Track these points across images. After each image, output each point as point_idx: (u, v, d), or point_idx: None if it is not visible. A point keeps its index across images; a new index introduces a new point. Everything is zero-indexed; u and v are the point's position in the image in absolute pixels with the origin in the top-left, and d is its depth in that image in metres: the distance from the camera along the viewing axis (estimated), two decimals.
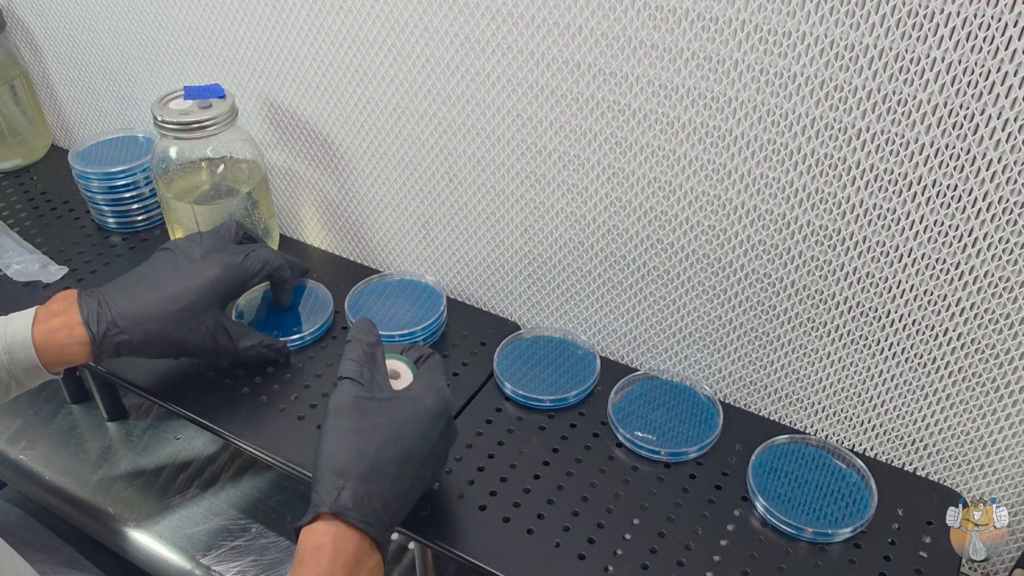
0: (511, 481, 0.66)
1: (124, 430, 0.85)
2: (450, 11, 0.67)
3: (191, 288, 0.68)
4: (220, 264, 0.69)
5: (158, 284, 0.68)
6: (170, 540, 0.75)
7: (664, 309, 0.73)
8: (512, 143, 0.71)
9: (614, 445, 0.69)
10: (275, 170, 0.91)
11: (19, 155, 1.05)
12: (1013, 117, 0.51)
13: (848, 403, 0.69)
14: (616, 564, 0.60)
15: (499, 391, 0.74)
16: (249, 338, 0.72)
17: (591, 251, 0.74)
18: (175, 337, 0.67)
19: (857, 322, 0.65)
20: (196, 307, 0.67)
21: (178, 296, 0.67)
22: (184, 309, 0.67)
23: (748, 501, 0.65)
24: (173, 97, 0.78)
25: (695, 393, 0.73)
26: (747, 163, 0.62)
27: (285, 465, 0.67)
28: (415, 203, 0.82)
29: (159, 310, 0.66)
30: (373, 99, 0.77)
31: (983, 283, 0.58)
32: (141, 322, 0.66)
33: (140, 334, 0.66)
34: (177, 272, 0.69)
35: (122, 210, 0.92)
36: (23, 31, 1.03)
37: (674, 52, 0.59)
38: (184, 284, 0.68)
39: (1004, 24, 0.49)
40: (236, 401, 0.72)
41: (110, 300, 0.66)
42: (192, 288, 0.68)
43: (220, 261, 0.70)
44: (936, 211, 0.57)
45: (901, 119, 0.54)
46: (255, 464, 0.82)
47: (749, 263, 0.66)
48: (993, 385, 0.62)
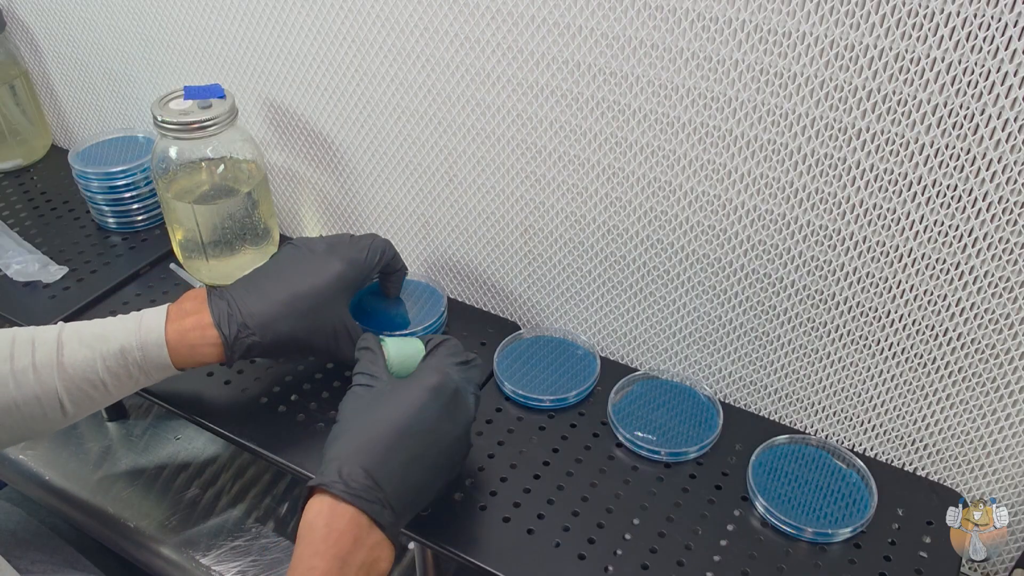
0: (511, 481, 0.66)
1: (124, 430, 0.85)
2: (450, 11, 0.67)
3: (317, 287, 0.66)
4: (344, 259, 0.68)
5: (285, 282, 0.67)
6: (170, 540, 0.75)
7: (664, 309, 0.73)
8: (512, 143, 0.71)
9: (614, 445, 0.69)
10: (275, 170, 0.91)
11: (19, 155, 1.05)
12: (1013, 117, 0.51)
13: (848, 403, 0.69)
14: (616, 564, 0.60)
15: (499, 391, 0.74)
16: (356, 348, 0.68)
17: (591, 251, 0.74)
18: (302, 337, 0.67)
19: (857, 322, 0.65)
20: (323, 305, 0.66)
21: (306, 295, 0.66)
22: (312, 309, 0.66)
23: (748, 501, 0.65)
24: (173, 97, 0.78)
25: (695, 393, 0.73)
26: (747, 163, 0.62)
27: (285, 465, 0.67)
28: (415, 203, 0.82)
29: (288, 310, 0.65)
30: (373, 99, 0.77)
31: (983, 283, 0.58)
32: (270, 323, 0.65)
33: (270, 335, 0.65)
34: (302, 268, 0.67)
35: (122, 210, 0.92)
36: (23, 31, 1.03)
37: (674, 52, 0.59)
38: (310, 282, 0.67)
39: (1004, 24, 0.49)
40: (236, 401, 0.72)
41: (239, 300, 0.65)
42: (319, 286, 0.67)
43: (343, 256, 0.68)
44: (936, 211, 0.57)
45: (901, 119, 0.54)
46: (255, 464, 0.82)
47: (749, 263, 0.66)
48: (993, 385, 0.62)
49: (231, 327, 0.64)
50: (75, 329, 0.63)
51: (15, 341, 0.62)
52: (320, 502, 0.53)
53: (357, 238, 0.71)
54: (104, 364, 0.62)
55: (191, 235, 0.82)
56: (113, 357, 0.62)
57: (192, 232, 0.82)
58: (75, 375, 0.61)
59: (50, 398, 0.61)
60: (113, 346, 0.62)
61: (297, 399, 0.73)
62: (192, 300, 0.66)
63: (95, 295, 0.83)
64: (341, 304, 0.68)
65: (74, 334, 0.63)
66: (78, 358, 0.62)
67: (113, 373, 0.62)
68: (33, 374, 0.61)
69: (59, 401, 0.61)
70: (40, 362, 0.61)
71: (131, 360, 0.62)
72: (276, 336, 0.65)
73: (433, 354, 0.62)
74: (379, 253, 0.70)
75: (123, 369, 0.63)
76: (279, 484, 0.79)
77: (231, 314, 0.64)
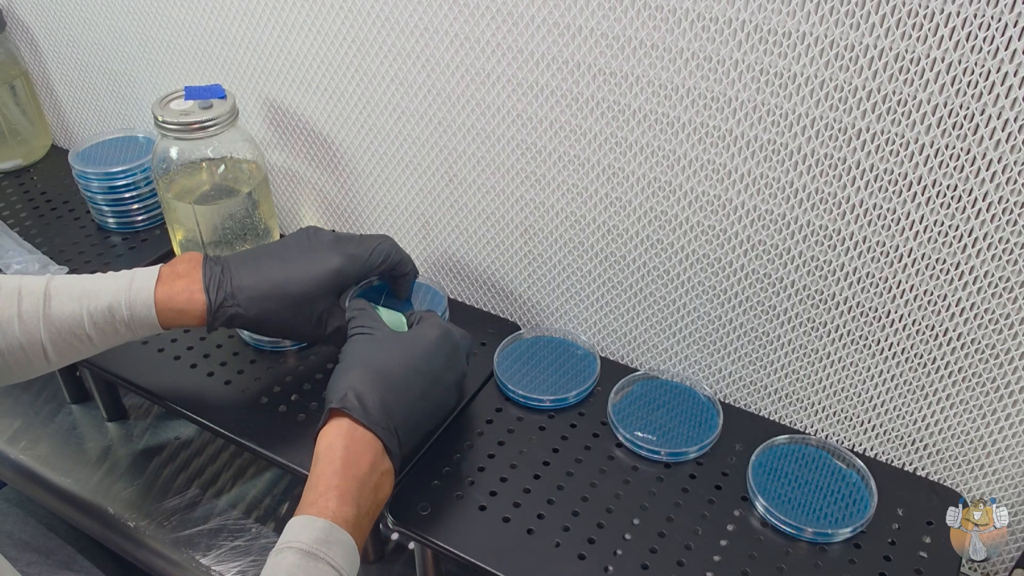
0: (511, 481, 0.66)
1: (124, 430, 0.85)
2: (450, 11, 0.67)
3: (313, 274, 0.66)
4: (345, 254, 0.68)
5: (283, 264, 0.67)
6: (170, 540, 0.75)
7: (664, 309, 0.73)
8: (512, 143, 0.71)
9: (614, 445, 0.69)
10: (275, 170, 0.91)
11: (19, 155, 1.05)
12: (1013, 117, 0.51)
13: (848, 403, 0.69)
14: (616, 564, 0.60)
15: (499, 391, 0.74)
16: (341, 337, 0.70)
17: (591, 251, 0.74)
18: (287, 319, 0.67)
19: (857, 322, 0.65)
20: (314, 293, 0.66)
21: (299, 280, 0.66)
22: (303, 294, 0.66)
23: (748, 501, 0.65)
24: (174, 97, 0.78)
25: (695, 393, 0.73)
26: (747, 163, 0.62)
27: (285, 465, 0.67)
28: (415, 203, 0.82)
29: (278, 291, 0.66)
30: (373, 99, 0.77)
31: (983, 283, 0.58)
32: (258, 299, 0.65)
33: (254, 310, 0.65)
34: (304, 255, 0.68)
35: (122, 210, 0.92)
36: (23, 31, 1.03)
37: (674, 52, 0.59)
38: (307, 268, 0.67)
39: (1004, 24, 0.49)
40: (236, 401, 0.72)
41: (234, 270, 0.66)
42: (314, 274, 0.67)
43: (345, 250, 0.68)
44: (936, 211, 0.57)
45: (901, 119, 0.54)
46: (255, 464, 0.81)
47: (749, 263, 0.66)
48: (993, 385, 0.62)
49: (218, 295, 0.65)
50: (65, 283, 0.64)
51: (0, 289, 0.63)
52: (340, 425, 0.57)
53: (366, 237, 0.71)
54: (91, 320, 0.63)
55: (191, 235, 0.82)
56: (100, 313, 0.63)
57: (192, 232, 0.82)
58: (61, 328, 0.63)
59: (35, 347, 0.63)
60: (102, 302, 0.63)
61: (297, 399, 0.73)
62: (186, 263, 0.66)
63: None
64: (333, 295, 0.68)
65: (63, 287, 0.64)
66: (65, 311, 0.63)
67: (99, 328, 0.63)
68: (18, 323, 0.62)
69: (43, 350, 0.63)
70: (26, 312, 0.62)
71: (118, 318, 0.63)
72: (260, 312, 0.66)
73: (425, 318, 0.67)
74: (383, 255, 0.70)
75: (109, 326, 0.64)
76: (279, 484, 0.79)
77: (221, 281, 0.65)
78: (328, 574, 0.51)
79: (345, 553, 0.53)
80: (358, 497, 0.55)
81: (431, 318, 0.67)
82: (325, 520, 0.53)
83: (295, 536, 0.52)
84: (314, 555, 0.51)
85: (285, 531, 0.53)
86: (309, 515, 0.53)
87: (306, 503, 0.54)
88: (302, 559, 0.51)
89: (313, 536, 0.52)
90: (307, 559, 0.51)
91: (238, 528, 0.75)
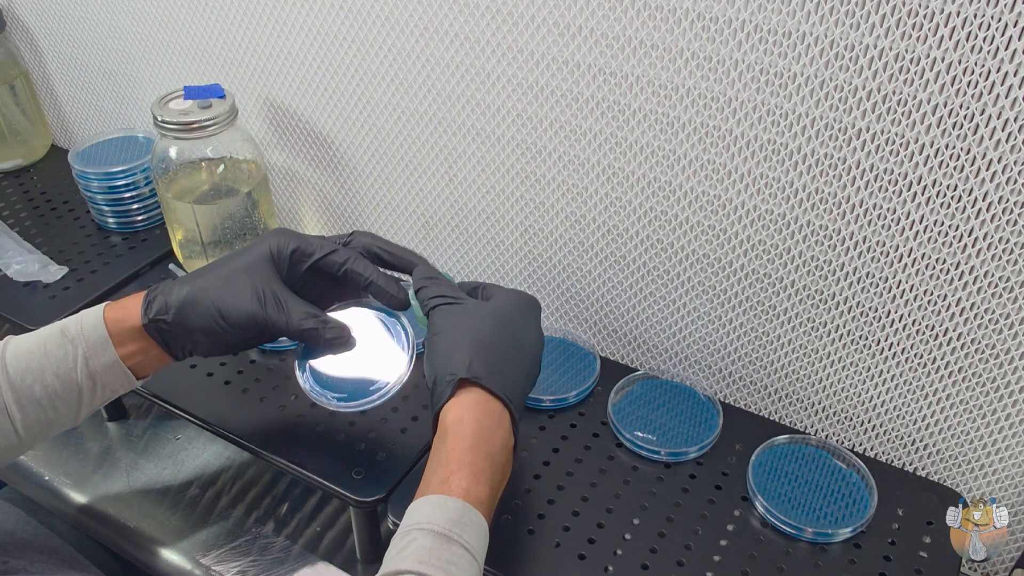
0: (511, 481, 0.66)
1: (124, 430, 0.85)
2: (450, 11, 0.67)
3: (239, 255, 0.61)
4: (278, 235, 0.61)
5: (220, 261, 0.61)
6: (170, 540, 0.75)
7: (664, 309, 0.73)
8: (512, 143, 0.71)
9: (614, 445, 0.69)
10: (275, 170, 0.91)
11: (19, 155, 1.05)
12: (1013, 117, 0.51)
13: (848, 403, 0.69)
14: (616, 564, 0.60)
15: None
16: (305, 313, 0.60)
17: (591, 251, 0.74)
18: (228, 306, 0.58)
19: (857, 322, 0.65)
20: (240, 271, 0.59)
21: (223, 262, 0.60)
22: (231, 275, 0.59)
23: (748, 501, 0.65)
24: (173, 97, 0.78)
25: (695, 393, 0.73)
26: (747, 163, 0.62)
27: (285, 465, 0.67)
28: (415, 203, 0.82)
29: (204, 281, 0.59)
30: (373, 99, 0.77)
31: (983, 283, 0.58)
32: (188, 301, 0.58)
33: (185, 311, 0.58)
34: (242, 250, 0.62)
35: (122, 210, 0.92)
36: (23, 31, 1.03)
37: (674, 52, 0.59)
38: (235, 256, 0.61)
39: (1004, 24, 0.49)
40: (236, 401, 0.72)
41: (176, 283, 0.59)
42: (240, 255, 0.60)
43: (279, 233, 0.61)
44: (936, 211, 0.57)
45: (901, 119, 0.54)
46: (255, 464, 0.81)
47: (749, 263, 0.66)
48: (993, 385, 0.62)
49: (153, 292, 0.59)
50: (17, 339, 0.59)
51: None
52: (469, 397, 0.53)
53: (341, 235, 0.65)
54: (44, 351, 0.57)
55: (191, 235, 0.82)
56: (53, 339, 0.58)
57: (192, 232, 0.82)
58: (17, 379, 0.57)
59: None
60: (54, 329, 0.58)
61: (297, 399, 0.73)
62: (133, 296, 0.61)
63: (95, 295, 0.83)
64: (270, 273, 0.60)
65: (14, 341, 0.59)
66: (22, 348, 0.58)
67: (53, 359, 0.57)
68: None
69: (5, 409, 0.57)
70: None
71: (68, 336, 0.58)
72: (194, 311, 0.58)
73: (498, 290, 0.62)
74: (330, 248, 0.62)
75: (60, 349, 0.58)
76: (279, 484, 0.79)
77: (163, 288, 0.59)
78: (463, 558, 0.47)
79: (479, 536, 0.49)
80: (491, 477, 0.51)
81: (503, 291, 0.61)
82: (458, 499, 0.49)
83: (426, 517, 0.48)
84: (447, 537, 0.47)
85: (410, 511, 0.49)
86: (441, 494, 0.49)
87: (436, 481, 0.50)
88: (435, 541, 0.47)
89: (446, 516, 0.48)
90: (440, 541, 0.47)
91: (238, 528, 0.75)
